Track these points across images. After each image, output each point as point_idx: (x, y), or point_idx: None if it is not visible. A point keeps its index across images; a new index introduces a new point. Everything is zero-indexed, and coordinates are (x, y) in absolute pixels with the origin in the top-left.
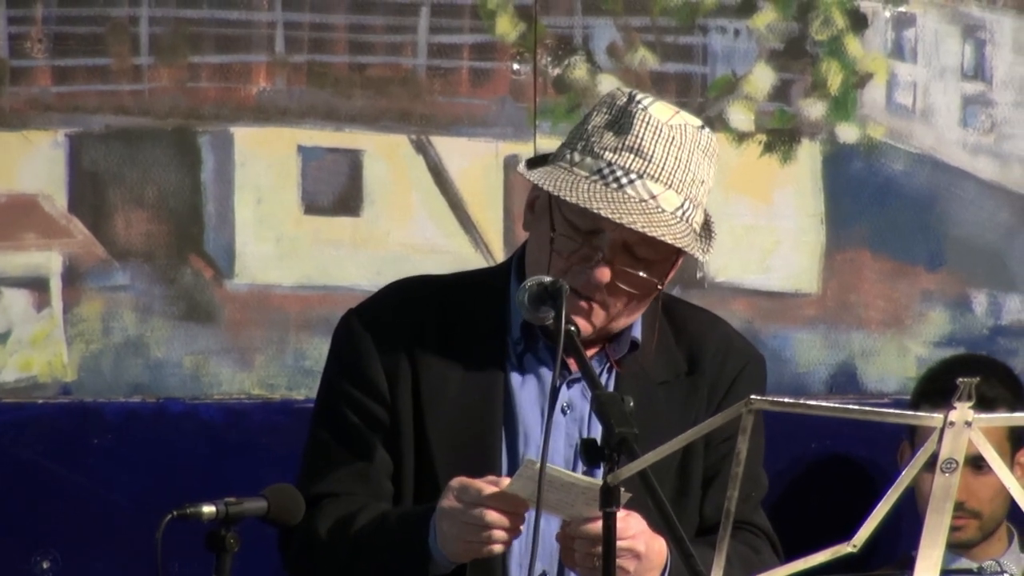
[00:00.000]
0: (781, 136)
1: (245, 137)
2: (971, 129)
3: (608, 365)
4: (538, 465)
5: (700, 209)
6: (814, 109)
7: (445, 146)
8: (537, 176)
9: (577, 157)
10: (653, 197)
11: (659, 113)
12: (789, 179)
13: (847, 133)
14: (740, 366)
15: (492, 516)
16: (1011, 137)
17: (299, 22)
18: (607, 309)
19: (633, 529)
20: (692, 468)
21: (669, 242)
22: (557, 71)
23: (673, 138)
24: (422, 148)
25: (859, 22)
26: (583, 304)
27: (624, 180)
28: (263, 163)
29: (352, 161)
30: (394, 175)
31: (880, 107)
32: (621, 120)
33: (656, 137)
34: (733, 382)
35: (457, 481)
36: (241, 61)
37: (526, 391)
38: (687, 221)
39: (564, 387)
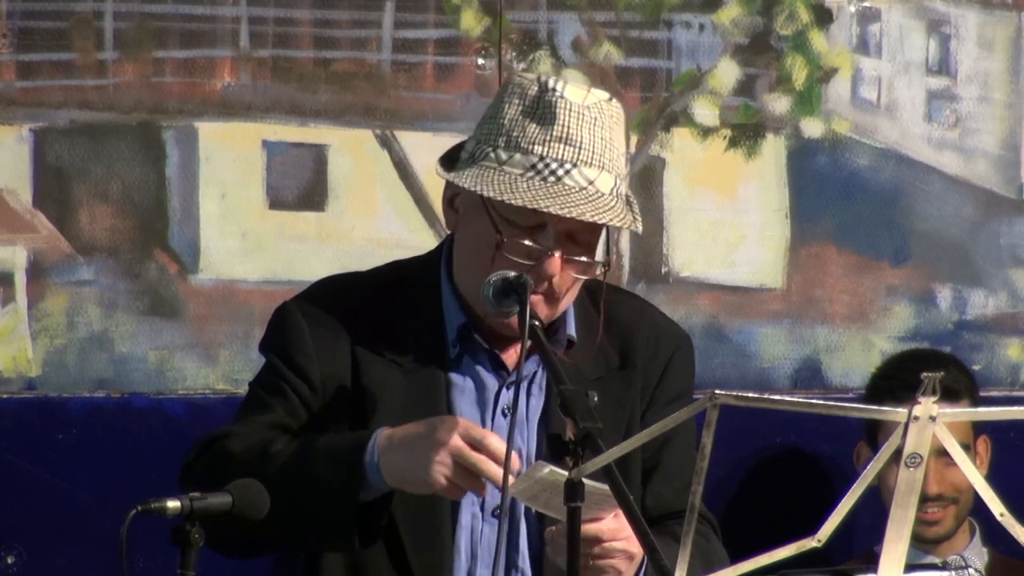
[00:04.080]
0: (746, 131)
1: (210, 132)
2: (936, 124)
3: (543, 365)
4: (547, 468)
5: (625, 180)
6: (779, 104)
7: (410, 141)
8: (469, 180)
9: (504, 155)
10: (591, 183)
11: (575, 96)
12: (754, 174)
13: (812, 128)
14: (670, 354)
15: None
16: (976, 132)
17: (263, 17)
18: (556, 296)
19: (628, 530)
20: (631, 461)
21: (617, 225)
22: (522, 66)
23: (595, 119)
24: (387, 143)
25: (824, 17)
26: (532, 297)
27: (560, 172)
28: (228, 158)
29: (317, 156)
30: (359, 170)
31: (845, 102)
32: (540, 110)
33: (580, 122)
34: (664, 371)
35: (462, 421)
36: (206, 56)
37: (465, 394)
38: (621, 197)
39: (504, 389)
